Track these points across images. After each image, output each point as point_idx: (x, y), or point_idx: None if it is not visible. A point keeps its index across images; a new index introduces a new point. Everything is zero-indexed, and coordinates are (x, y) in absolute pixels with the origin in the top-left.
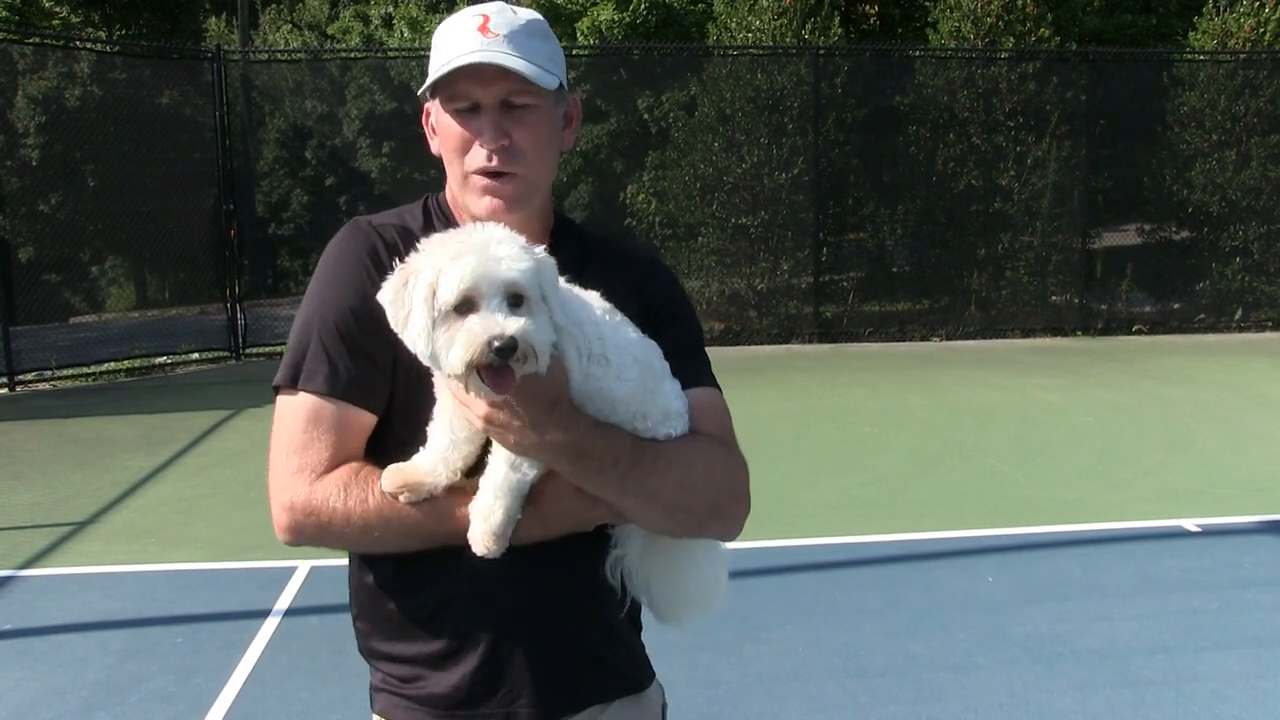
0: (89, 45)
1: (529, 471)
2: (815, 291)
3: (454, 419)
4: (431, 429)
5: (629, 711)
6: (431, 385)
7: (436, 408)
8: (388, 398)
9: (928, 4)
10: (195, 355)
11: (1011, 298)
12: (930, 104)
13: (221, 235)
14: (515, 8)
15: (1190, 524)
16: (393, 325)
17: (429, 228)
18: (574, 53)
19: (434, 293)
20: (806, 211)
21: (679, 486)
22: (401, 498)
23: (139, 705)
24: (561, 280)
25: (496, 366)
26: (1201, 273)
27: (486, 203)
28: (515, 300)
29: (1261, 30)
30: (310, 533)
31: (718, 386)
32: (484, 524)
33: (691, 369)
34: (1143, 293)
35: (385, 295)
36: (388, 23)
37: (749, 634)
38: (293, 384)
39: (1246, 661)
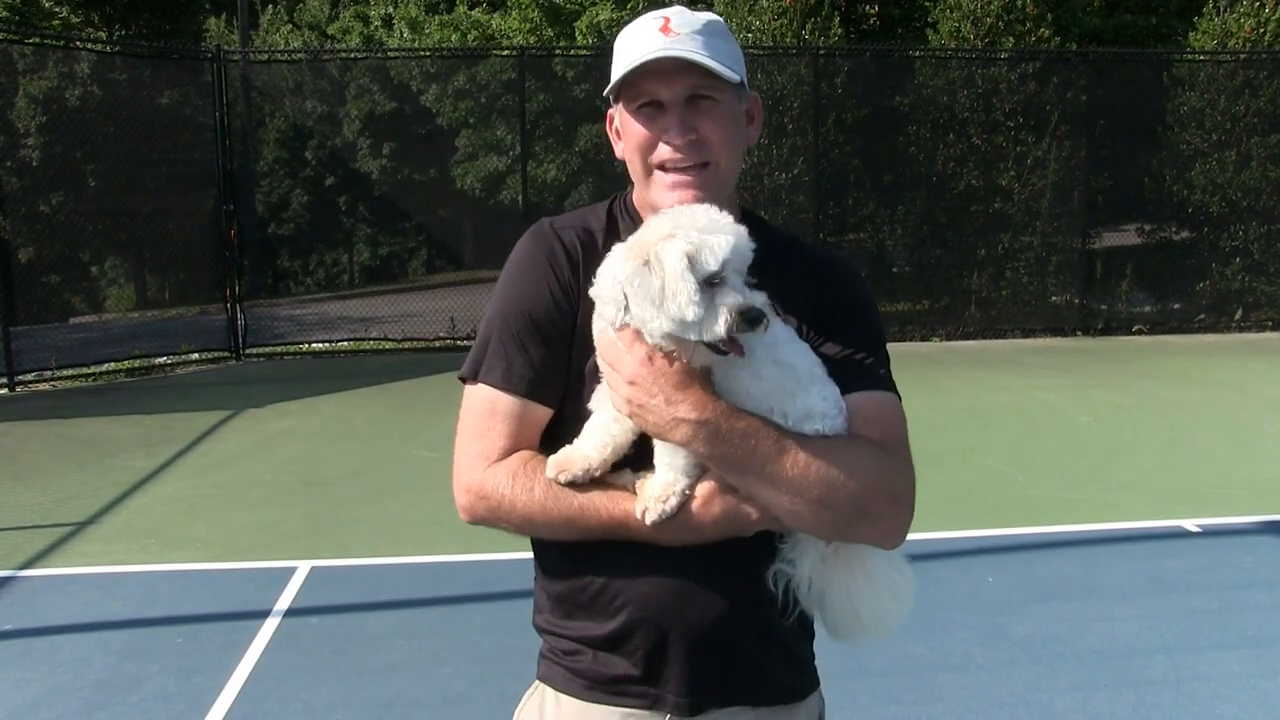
0: (89, 45)
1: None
2: None
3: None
4: (591, 419)
5: (780, 718)
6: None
7: (593, 399)
8: (562, 393)
9: (928, 4)
10: (195, 356)
11: (1011, 298)
12: (930, 104)
13: (221, 235)
14: (694, 11)
15: (1190, 524)
16: (633, 306)
17: (612, 228)
18: (572, 53)
19: (691, 263)
20: (806, 212)
21: (821, 482)
22: (560, 478)
23: (139, 705)
24: None
25: (742, 333)
26: (1201, 273)
27: (678, 196)
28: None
29: (1261, 30)
30: (482, 514)
31: (893, 391)
32: (654, 492)
33: (859, 373)
34: (1143, 293)
35: (621, 272)
36: (388, 23)
37: None
38: (474, 377)
39: (1246, 661)
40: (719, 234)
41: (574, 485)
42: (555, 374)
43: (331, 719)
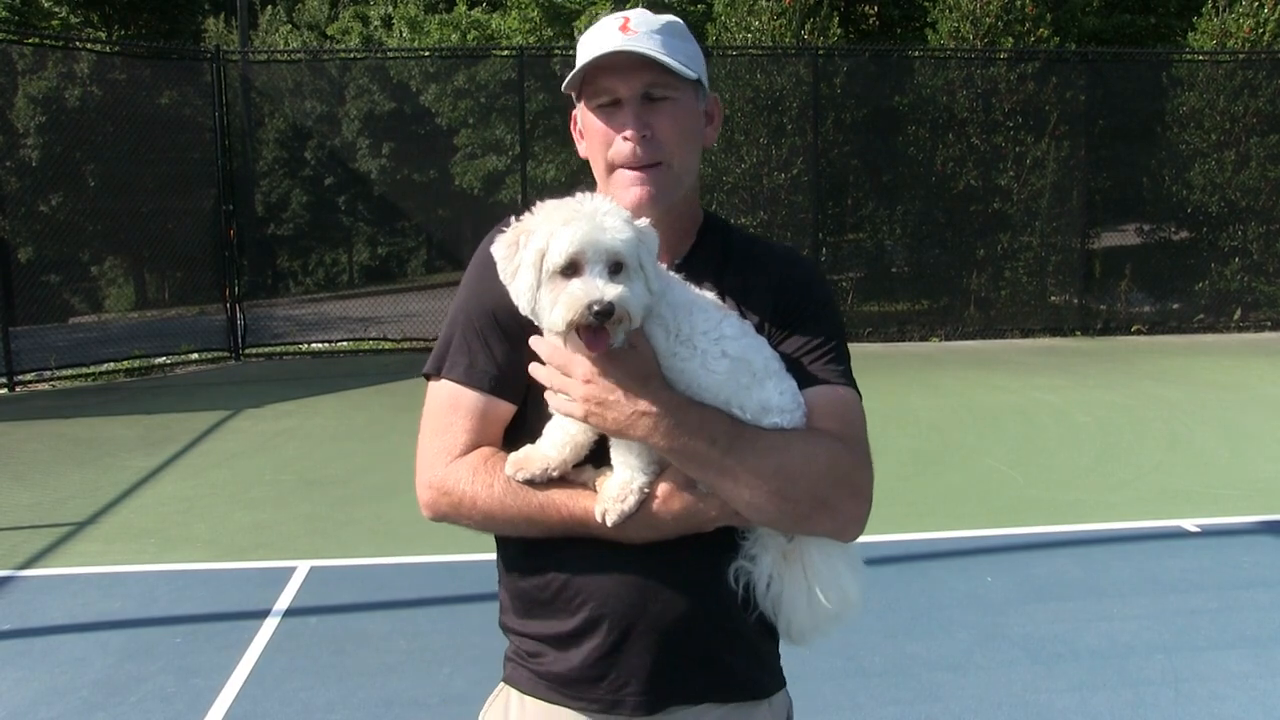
0: (89, 46)
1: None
2: None
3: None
4: (551, 419)
5: (746, 716)
6: None
7: (551, 397)
8: (524, 390)
9: (927, 4)
10: (195, 355)
11: (1011, 298)
12: (929, 104)
13: (221, 235)
14: (655, 13)
15: (1190, 524)
16: (500, 278)
17: None
18: (571, 52)
19: (543, 255)
20: (806, 212)
21: (779, 473)
22: (519, 475)
23: (138, 705)
24: (672, 272)
25: (593, 327)
26: (1200, 273)
27: (633, 194)
28: (615, 267)
29: (1260, 30)
30: (444, 509)
31: (852, 386)
32: (611, 492)
33: (819, 368)
34: (1142, 293)
35: (497, 250)
36: (387, 23)
37: None
38: (437, 373)
39: (1245, 661)
40: (572, 225)
41: (532, 484)
42: (518, 371)
43: (331, 719)
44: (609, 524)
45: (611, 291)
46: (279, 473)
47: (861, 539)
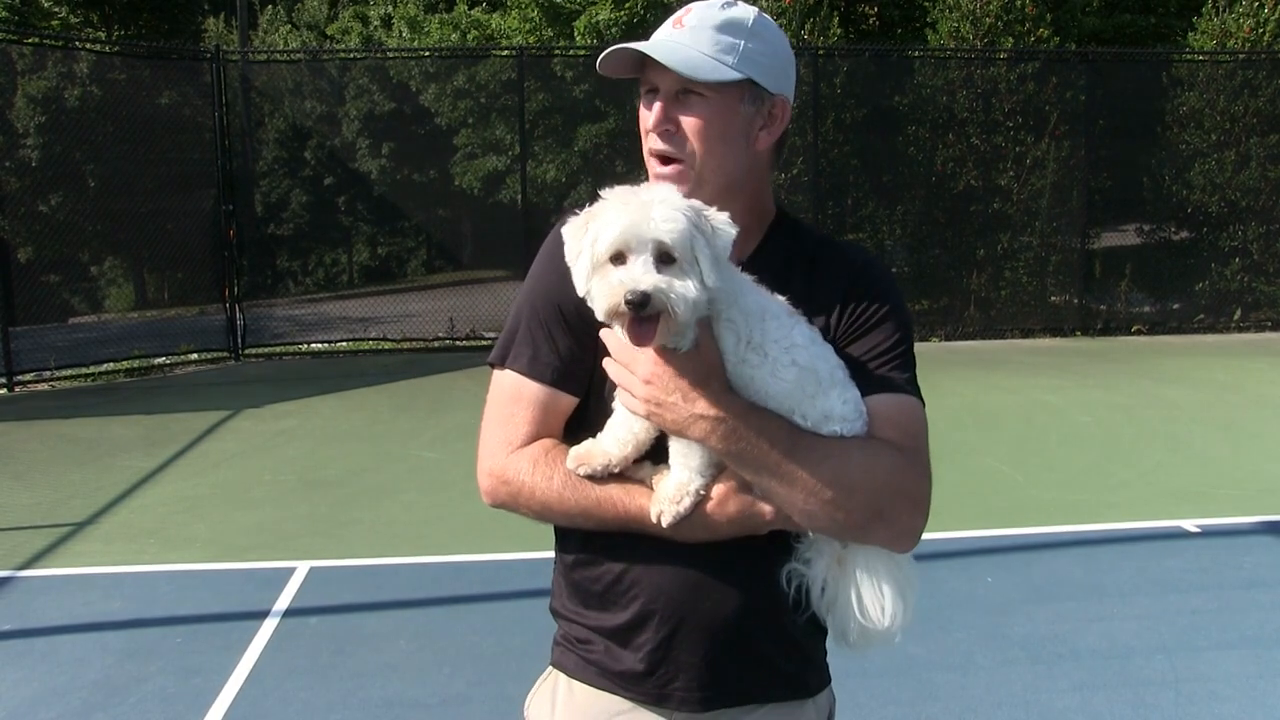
0: (88, 46)
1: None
2: None
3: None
4: (614, 415)
5: (790, 714)
6: None
7: (618, 392)
8: (587, 383)
9: (927, 4)
10: (194, 356)
11: (1011, 298)
12: (929, 104)
13: (220, 235)
14: (727, 4)
15: (1190, 524)
16: (568, 260)
17: None
18: (571, 52)
19: (595, 242)
20: (806, 212)
21: (835, 481)
22: (580, 470)
23: (138, 706)
24: (747, 275)
25: (640, 318)
26: (1201, 273)
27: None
28: (666, 258)
29: (1260, 30)
30: (504, 498)
31: (916, 395)
32: (668, 492)
33: (883, 376)
34: (1142, 293)
35: (566, 232)
36: (387, 23)
37: None
38: (502, 362)
39: (1246, 661)
40: (621, 212)
41: (592, 478)
42: (582, 364)
43: (331, 719)
44: (664, 525)
45: (649, 281)
46: (279, 473)
47: None
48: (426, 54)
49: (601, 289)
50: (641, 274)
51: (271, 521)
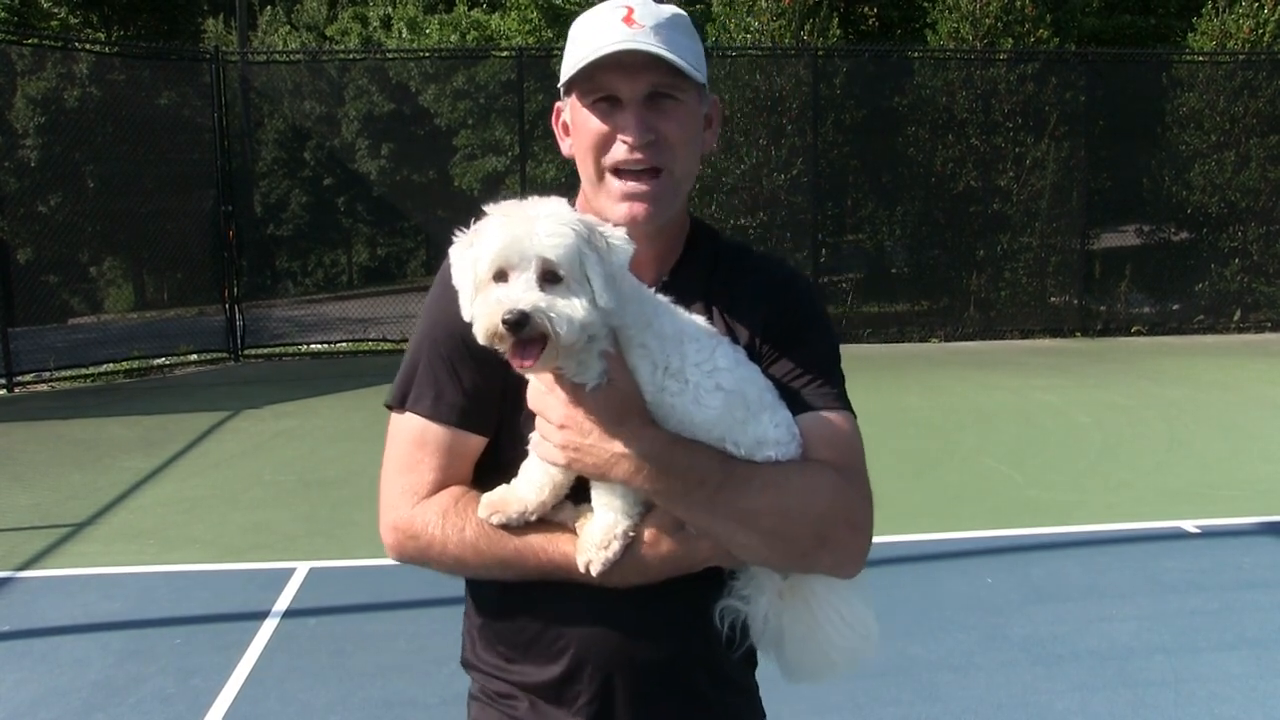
0: (87, 46)
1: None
2: None
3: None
4: (528, 458)
5: None
6: None
7: (533, 443)
8: (497, 419)
9: (926, 5)
10: (194, 356)
11: (1010, 299)
12: (929, 105)
13: (220, 236)
14: (658, 2)
15: (1190, 524)
16: (454, 283)
17: None
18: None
19: (476, 261)
20: (805, 213)
21: (775, 511)
22: (493, 519)
23: (138, 706)
24: (661, 296)
25: (520, 340)
26: (1200, 274)
27: (625, 209)
28: (552, 277)
29: (1260, 31)
30: (411, 554)
31: (848, 410)
32: (594, 538)
33: (813, 393)
34: (1142, 294)
35: (453, 251)
36: (386, 24)
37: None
38: (401, 405)
39: (1245, 662)
40: (502, 227)
41: (507, 527)
42: (489, 399)
43: (330, 719)
44: (593, 574)
45: (527, 300)
46: (278, 473)
47: None
48: (426, 55)
49: (480, 310)
50: (521, 292)
51: (271, 522)
